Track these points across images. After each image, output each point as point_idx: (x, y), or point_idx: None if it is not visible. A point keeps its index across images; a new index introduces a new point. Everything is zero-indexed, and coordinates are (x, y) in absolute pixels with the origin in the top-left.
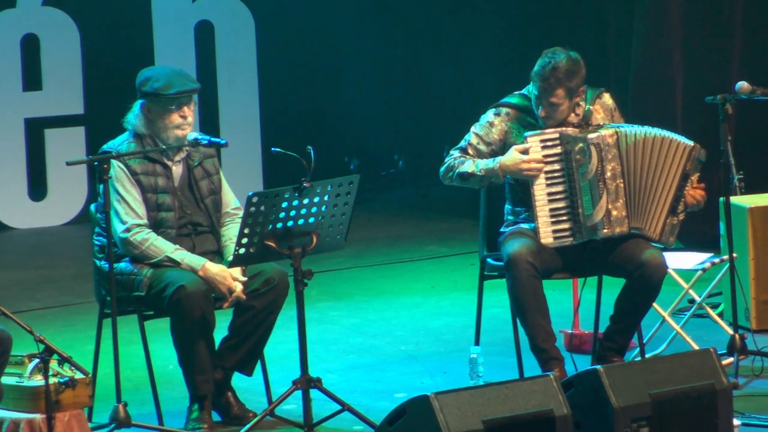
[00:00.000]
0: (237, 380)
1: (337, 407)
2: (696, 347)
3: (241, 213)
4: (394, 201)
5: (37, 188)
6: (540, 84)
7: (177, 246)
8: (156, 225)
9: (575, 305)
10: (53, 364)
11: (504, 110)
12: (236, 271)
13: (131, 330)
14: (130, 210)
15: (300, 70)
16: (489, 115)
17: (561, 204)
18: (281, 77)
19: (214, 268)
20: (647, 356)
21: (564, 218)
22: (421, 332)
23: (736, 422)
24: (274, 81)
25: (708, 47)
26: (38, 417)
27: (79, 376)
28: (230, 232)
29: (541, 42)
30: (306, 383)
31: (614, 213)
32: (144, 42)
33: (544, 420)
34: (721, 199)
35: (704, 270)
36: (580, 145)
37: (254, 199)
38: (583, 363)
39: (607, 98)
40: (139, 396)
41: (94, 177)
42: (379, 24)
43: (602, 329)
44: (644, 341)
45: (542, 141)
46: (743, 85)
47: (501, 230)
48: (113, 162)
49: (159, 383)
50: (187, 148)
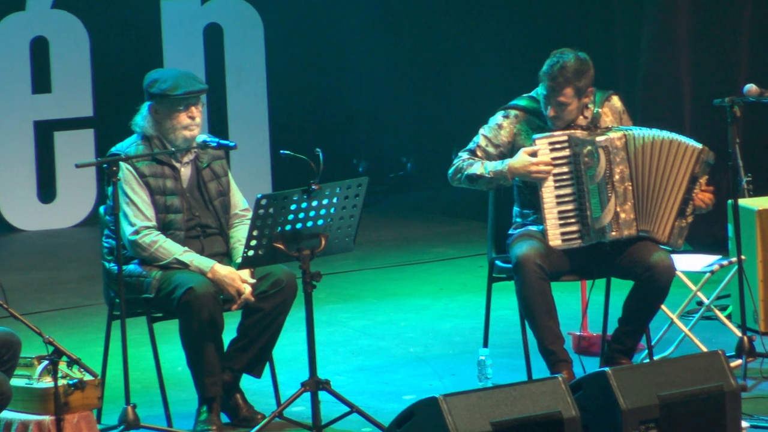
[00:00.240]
0: (246, 382)
1: (346, 409)
2: (704, 349)
3: (250, 215)
4: (403, 203)
5: (47, 190)
6: (548, 83)
7: (186, 248)
8: (165, 227)
9: (583, 307)
10: (62, 366)
11: (513, 112)
12: (245, 273)
13: (140, 332)
14: (139, 212)
15: (308, 73)
16: (498, 117)
17: (569, 206)
18: (290, 80)
19: (223, 270)
20: (655, 358)
21: (572, 221)
22: (430, 334)
23: (745, 424)
24: (283, 83)
25: (716, 50)
26: (47, 419)
27: (88, 378)
28: (239, 234)
29: (550, 45)
30: (314, 385)
31: (622, 216)
32: (153, 44)
33: (553, 422)
34: (730, 202)
35: (712, 272)
36: (589, 148)
37: (263, 202)
38: (592, 365)
39: (616, 101)
40: (148, 398)
41: (103, 179)
42: (388, 27)
43: (610, 331)
44: (652, 343)
45: (551, 143)
46: (751, 88)
47: (509, 232)
48: (122, 164)
49: (168, 385)
50: (196, 150)
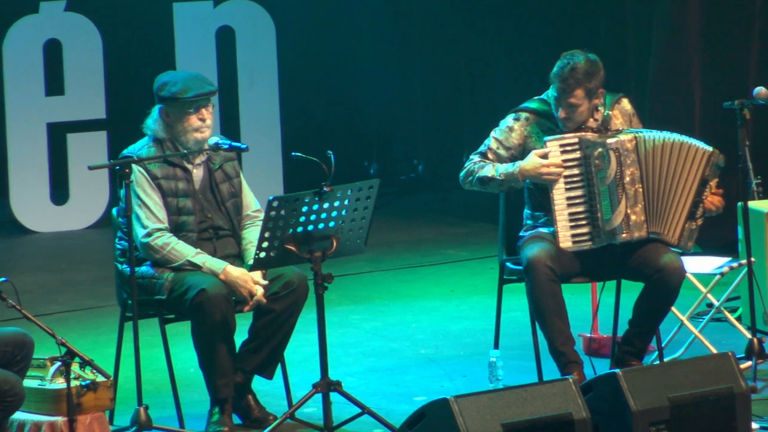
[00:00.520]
0: (257, 383)
1: (357, 410)
2: (714, 351)
3: (262, 216)
4: (414, 205)
5: (60, 192)
6: (559, 85)
7: (198, 250)
8: (177, 228)
9: (594, 309)
10: (75, 367)
11: (524, 115)
12: (257, 275)
13: (152, 333)
14: (151, 214)
15: (320, 75)
16: (509, 120)
17: (580, 208)
18: (302, 82)
19: (235, 272)
20: (666, 360)
21: (583, 222)
22: (441, 336)
23: (755, 426)
24: (295, 86)
25: (726, 53)
26: (60, 420)
27: (101, 379)
28: (251, 236)
29: (560, 48)
30: (326, 386)
31: (633, 218)
32: (166, 47)
33: (563, 423)
34: (739, 204)
35: (722, 274)
36: (599, 150)
37: (275, 204)
38: (602, 366)
39: (626, 103)
40: (160, 399)
41: (116, 181)
42: (399, 29)
43: (621, 333)
44: (663, 345)
45: (561, 146)
46: (761, 91)
47: (520, 234)
48: (134, 167)
49: (180, 386)
50: (208, 152)
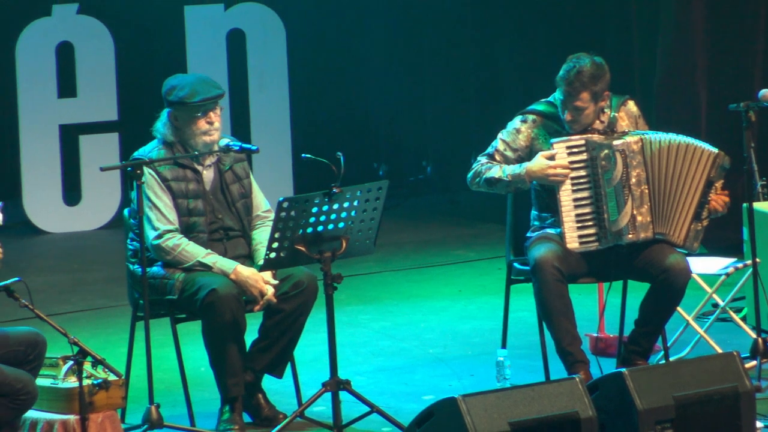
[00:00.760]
0: (268, 382)
1: (366, 409)
2: (719, 351)
3: (272, 216)
4: (422, 206)
5: (72, 193)
6: (565, 88)
7: (208, 250)
8: (188, 229)
9: (600, 309)
10: (87, 366)
11: (531, 117)
12: (267, 275)
13: (164, 333)
14: (162, 216)
15: (330, 77)
16: (516, 122)
17: (587, 209)
18: (311, 84)
19: (246, 272)
20: (671, 359)
21: (589, 223)
22: (449, 335)
23: (759, 425)
24: (305, 88)
25: (731, 56)
26: (72, 418)
27: (113, 378)
28: (260, 236)
29: (567, 51)
30: (335, 385)
31: (639, 218)
32: (177, 50)
33: (570, 422)
34: (745, 205)
35: (728, 275)
36: (606, 152)
37: (285, 205)
38: (608, 366)
39: (632, 105)
40: (172, 397)
41: (128, 182)
42: (407, 33)
43: (627, 333)
44: (668, 345)
45: (568, 147)
46: (766, 93)
47: (527, 235)
48: (145, 169)
49: (191, 385)
50: (218, 154)
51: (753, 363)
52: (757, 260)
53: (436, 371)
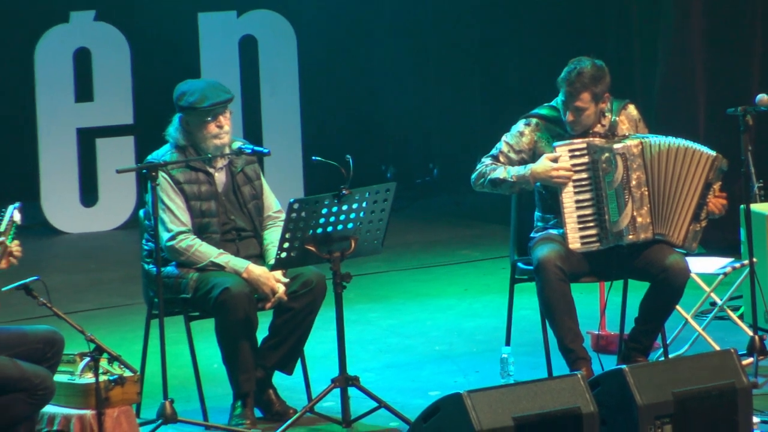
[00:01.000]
0: (279, 378)
1: (374, 404)
2: (717, 348)
3: (283, 216)
4: (429, 208)
5: (89, 195)
6: (566, 89)
7: (220, 250)
8: (201, 230)
9: (602, 307)
10: (103, 363)
11: (534, 120)
12: (278, 273)
13: (177, 330)
14: (175, 218)
15: (339, 83)
16: (519, 125)
17: (588, 211)
18: (321, 89)
19: (258, 270)
20: (670, 356)
21: (591, 224)
22: (455, 333)
23: (756, 420)
24: (315, 92)
25: (729, 62)
26: (89, 413)
27: (128, 374)
28: (271, 237)
29: (569, 57)
30: (344, 381)
31: (639, 220)
32: (191, 55)
33: (572, 417)
34: (742, 207)
35: (725, 274)
36: (607, 155)
37: (295, 206)
38: (609, 363)
39: (632, 110)
40: (185, 393)
41: (143, 184)
42: (414, 39)
43: (628, 330)
44: (668, 342)
45: (570, 150)
46: (763, 98)
47: (531, 236)
48: (158, 172)
49: (204, 381)
50: (230, 156)
51: (750, 360)
52: (754, 260)
53: (442, 368)
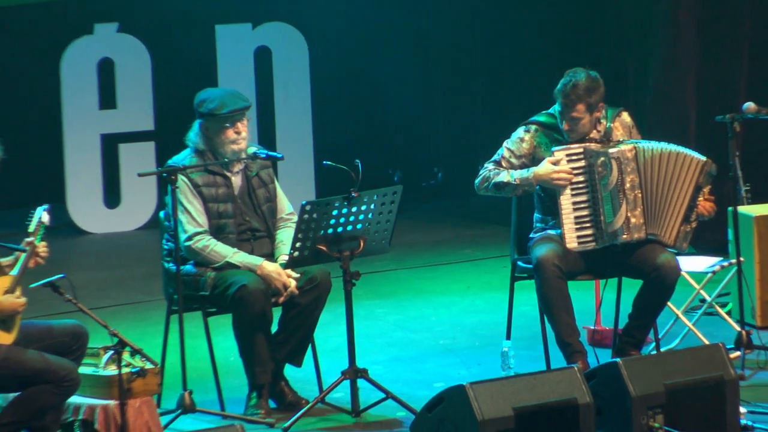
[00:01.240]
0: (291, 371)
1: (382, 395)
2: (706, 342)
3: (295, 218)
4: (434, 210)
5: (112, 197)
6: (562, 100)
7: (235, 250)
8: (218, 231)
9: (597, 304)
10: (126, 356)
11: (533, 127)
12: (289, 269)
13: (196, 325)
14: (192, 220)
15: (349, 91)
16: (519, 132)
17: (585, 212)
18: (332, 97)
19: (270, 266)
20: (662, 350)
21: (587, 225)
22: (458, 328)
23: (743, 410)
24: (326, 100)
25: (718, 72)
26: (112, 403)
27: (149, 367)
28: (282, 235)
29: (567, 66)
30: (353, 374)
31: (633, 220)
32: (208, 65)
33: (569, 407)
34: (730, 209)
35: (714, 272)
36: (602, 159)
37: (307, 208)
38: (605, 356)
39: (626, 116)
40: (203, 385)
41: (163, 187)
42: (420, 49)
43: (622, 325)
44: (659, 336)
45: (568, 155)
46: (750, 106)
47: (530, 236)
48: (178, 175)
49: (221, 373)
50: (245, 161)
51: (737, 353)
52: (741, 259)
53: (446, 360)
